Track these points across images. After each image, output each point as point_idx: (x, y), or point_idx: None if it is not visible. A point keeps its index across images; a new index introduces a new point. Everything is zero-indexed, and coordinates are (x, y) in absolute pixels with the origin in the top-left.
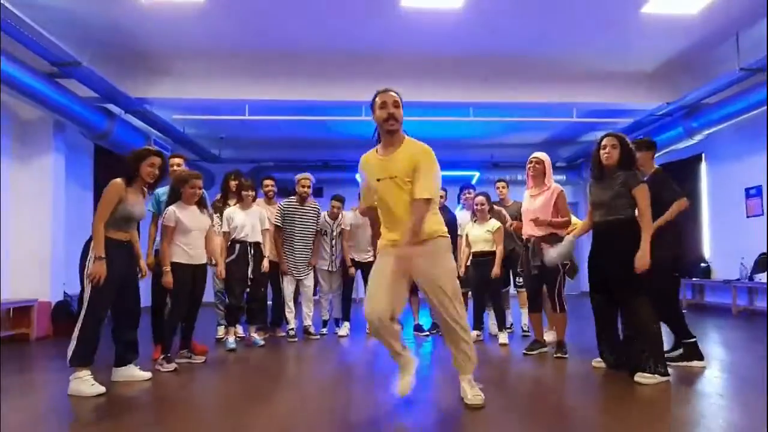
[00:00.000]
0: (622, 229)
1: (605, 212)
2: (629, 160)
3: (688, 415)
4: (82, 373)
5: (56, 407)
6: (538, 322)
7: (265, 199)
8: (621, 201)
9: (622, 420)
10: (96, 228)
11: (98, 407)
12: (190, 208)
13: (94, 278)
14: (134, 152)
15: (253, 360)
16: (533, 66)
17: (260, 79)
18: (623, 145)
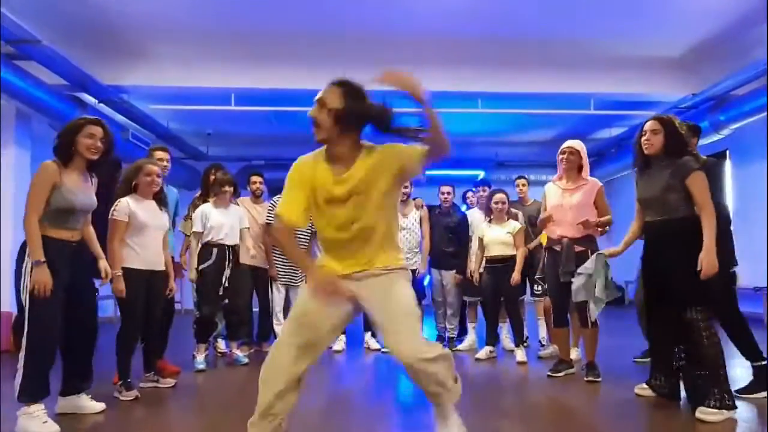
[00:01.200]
0: (679, 231)
1: (657, 210)
2: (679, 147)
3: None
4: (32, 408)
5: None
6: (565, 339)
7: (252, 197)
8: (673, 196)
9: None
10: (28, 226)
11: None
12: (147, 203)
13: (37, 289)
14: (68, 124)
15: (234, 382)
16: (549, 51)
17: (247, 64)
18: (668, 128)
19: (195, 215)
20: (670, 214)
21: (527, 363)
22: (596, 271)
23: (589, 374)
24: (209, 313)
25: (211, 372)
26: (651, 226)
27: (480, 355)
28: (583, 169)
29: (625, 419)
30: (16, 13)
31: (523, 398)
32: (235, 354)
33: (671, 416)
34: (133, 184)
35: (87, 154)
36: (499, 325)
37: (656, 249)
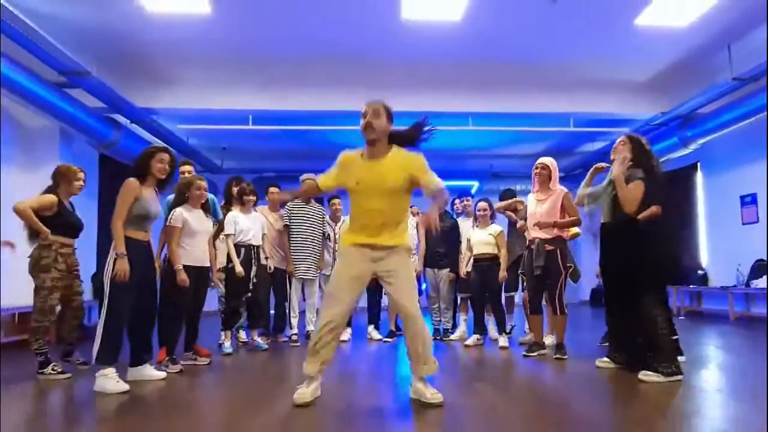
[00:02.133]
0: (623, 229)
1: (609, 209)
2: (640, 159)
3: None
4: (107, 371)
5: (83, 403)
6: (539, 324)
7: (270, 205)
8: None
9: (622, 416)
10: (115, 226)
11: (122, 404)
12: (196, 211)
13: (118, 276)
14: (144, 151)
15: (256, 362)
16: (531, 76)
17: (263, 88)
18: (635, 143)
19: (227, 220)
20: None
21: (509, 348)
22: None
23: (558, 353)
24: (236, 305)
25: (236, 356)
26: (604, 226)
27: (469, 342)
28: (552, 181)
29: (584, 384)
30: (68, 47)
31: (501, 372)
32: (256, 341)
33: (620, 380)
34: (185, 196)
35: (158, 175)
36: (486, 318)
37: (607, 245)
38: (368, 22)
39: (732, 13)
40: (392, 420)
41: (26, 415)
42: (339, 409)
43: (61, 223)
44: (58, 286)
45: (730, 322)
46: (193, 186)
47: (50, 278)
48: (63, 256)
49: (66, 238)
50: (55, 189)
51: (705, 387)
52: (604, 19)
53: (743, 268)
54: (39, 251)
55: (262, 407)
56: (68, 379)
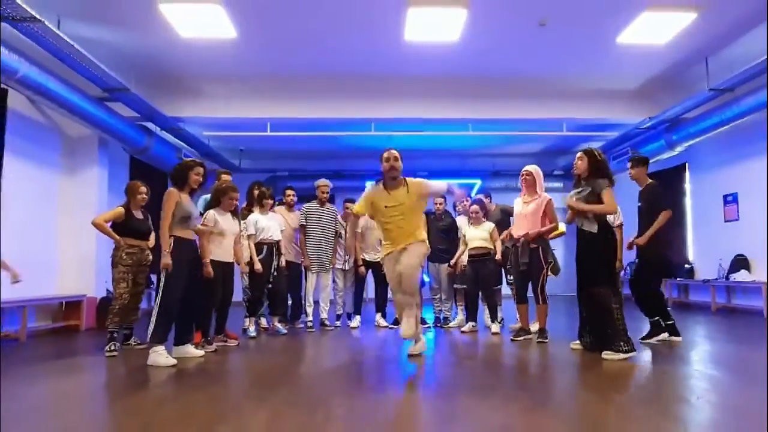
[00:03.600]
0: (588, 237)
1: (579, 217)
2: (598, 170)
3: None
4: (159, 348)
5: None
6: (525, 312)
7: (286, 206)
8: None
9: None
10: (163, 230)
11: (171, 375)
12: (227, 215)
13: (164, 269)
14: (183, 163)
15: (278, 345)
16: (525, 86)
17: (281, 99)
18: (590, 157)
19: (248, 222)
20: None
21: (500, 333)
22: None
23: (540, 337)
24: (259, 295)
25: (259, 339)
26: (578, 231)
27: (465, 329)
28: (538, 185)
29: (559, 362)
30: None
31: (490, 353)
32: (277, 326)
33: (588, 359)
34: (219, 200)
35: (193, 186)
36: (481, 306)
37: (579, 248)
38: (376, 43)
39: (707, 30)
40: (392, 391)
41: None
42: (350, 382)
43: (127, 228)
44: (124, 278)
45: (712, 312)
46: (227, 194)
47: (117, 272)
48: (130, 254)
49: (133, 239)
50: (127, 202)
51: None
52: (588, 38)
53: (724, 262)
54: (113, 251)
55: (284, 380)
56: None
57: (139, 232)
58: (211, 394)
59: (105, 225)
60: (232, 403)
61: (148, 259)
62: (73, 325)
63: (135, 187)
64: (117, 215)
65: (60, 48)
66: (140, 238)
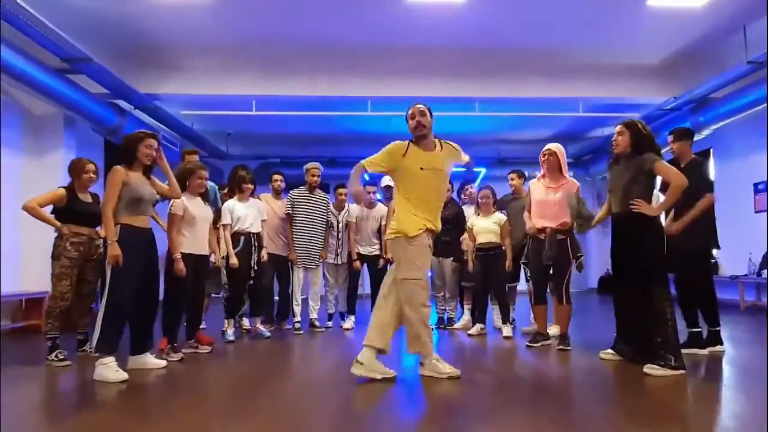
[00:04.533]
0: (638, 219)
1: (621, 200)
2: (643, 145)
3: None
4: (107, 359)
5: (83, 391)
6: (543, 314)
7: (273, 193)
8: (636, 187)
9: (625, 410)
10: (105, 214)
11: (120, 393)
12: (196, 199)
13: (111, 262)
14: (129, 136)
15: (260, 350)
16: (539, 60)
17: (267, 74)
18: (633, 130)
19: (223, 210)
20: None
21: (512, 337)
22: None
23: (561, 344)
24: (238, 293)
25: (239, 343)
26: (616, 216)
27: (472, 331)
28: (563, 168)
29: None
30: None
31: (504, 362)
32: (259, 329)
33: (626, 373)
34: (186, 183)
35: (145, 161)
36: (491, 307)
37: (619, 235)
38: (371, 7)
39: None
40: (393, 406)
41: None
42: (341, 394)
43: (71, 213)
44: (68, 273)
45: (740, 311)
46: (194, 175)
47: (59, 266)
48: (75, 244)
49: (79, 227)
50: (71, 182)
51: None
52: (614, 0)
53: (755, 256)
54: (55, 241)
55: (257, 397)
56: (67, 367)
57: (86, 217)
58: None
59: (39, 209)
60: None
61: (99, 251)
62: (33, 325)
63: (80, 165)
64: (56, 198)
65: (11, 10)
66: (88, 224)
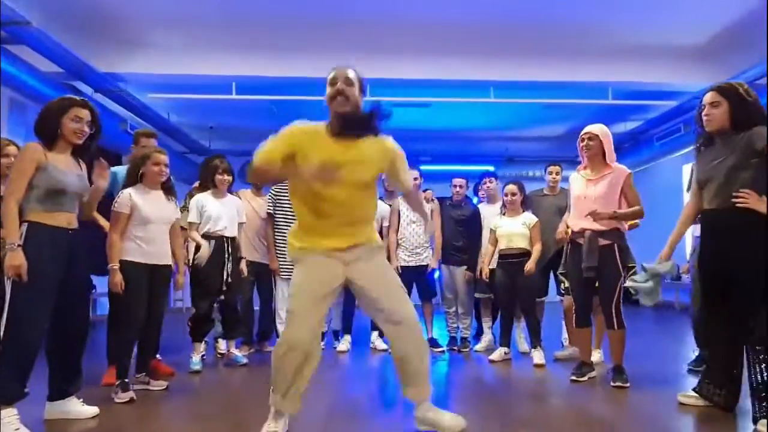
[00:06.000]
0: (747, 219)
1: (721, 195)
2: (747, 118)
3: None
4: (4, 413)
5: None
6: (588, 339)
7: (253, 189)
8: (744, 175)
9: None
10: (5, 206)
11: None
12: (153, 194)
13: (13, 273)
14: (51, 104)
15: (231, 383)
16: (564, 39)
17: (248, 52)
18: (732, 98)
19: (191, 205)
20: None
21: (545, 366)
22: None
23: (617, 379)
24: (205, 311)
25: (209, 372)
26: (712, 214)
27: (494, 356)
28: (607, 155)
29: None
30: None
31: (544, 405)
32: (233, 354)
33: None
34: (139, 173)
35: (73, 139)
36: (514, 325)
37: (719, 240)
38: None
39: None
40: None
41: None
42: None
43: None
44: None
45: None
46: (149, 160)
47: None
48: None
49: None
50: None
51: None
52: None
53: None
54: None
55: None
56: None
57: None
58: None
59: None
60: None
61: None
62: None
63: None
64: None
65: None
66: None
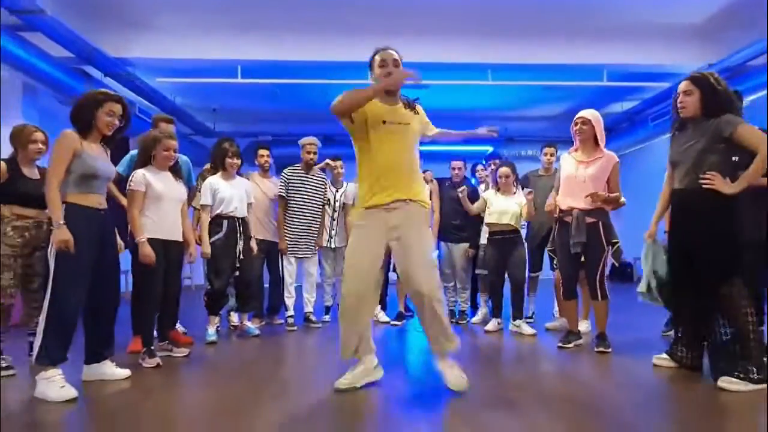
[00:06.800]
0: (713, 198)
1: (688, 174)
2: (719, 105)
3: None
4: (50, 373)
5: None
6: (574, 310)
7: (260, 171)
8: (712, 158)
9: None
10: (49, 190)
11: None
12: (163, 174)
13: (61, 248)
14: (87, 96)
15: (246, 352)
16: (561, 20)
17: (254, 36)
18: (704, 87)
19: (203, 188)
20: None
21: (536, 335)
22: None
23: (600, 345)
24: (220, 286)
25: (223, 343)
26: (682, 194)
27: (489, 327)
28: (599, 139)
29: (644, 388)
30: None
31: (533, 369)
32: (246, 326)
33: (692, 386)
34: (151, 155)
35: (105, 131)
36: None
37: (683, 216)
38: None
39: None
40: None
41: None
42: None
43: (13, 192)
44: (10, 264)
45: None
46: (160, 144)
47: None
48: (19, 229)
49: (23, 208)
50: (14, 154)
51: None
52: None
53: None
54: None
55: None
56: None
57: (32, 197)
58: None
59: None
60: None
61: (48, 238)
62: None
63: (25, 134)
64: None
65: None
66: (35, 206)
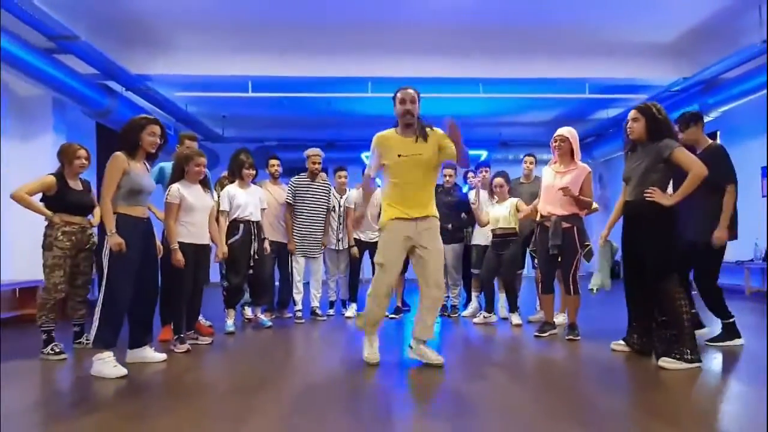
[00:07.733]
0: (652, 208)
1: (635, 188)
2: (660, 131)
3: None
4: (104, 354)
5: (79, 387)
6: (550, 303)
7: (271, 179)
8: (654, 176)
9: (642, 406)
10: (103, 203)
11: (120, 390)
12: (194, 187)
13: (114, 250)
14: (132, 122)
15: (261, 341)
16: (544, 39)
17: (263, 54)
18: (648, 115)
19: (222, 196)
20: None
21: (522, 324)
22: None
23: (570, 334)
24: (237, 283)
25: (240, 334)
26: (631, 205)
27: (477, 319)
28: (575, 153)
29: (599, 369)
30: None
31: (512, 353)
32: (260, 318)
33: (639, 365)
34: (184, 170)
35: (150, 149)
36: (497, 296)
37: (632, 224)
38: None
39: None
40: (398, 401)
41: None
42: (346, 389)
43: (62, 202)
44: (61, 264)
45: (746, 297)
46: (192, 161)
47: (52, 256)
48: (67, 234)
49: (70, 216)
50: (61, 168)
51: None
52: None
53: (761, 242)
54: (45, 230)
55: (264, 389)
56: (63, 361)
57: (77, 206)
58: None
59: (29, 198)
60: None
61: (91, 241)
62: (28, 315)
63: (71, 151)
64: (45, 186)
65: None
66: (80, 213)
